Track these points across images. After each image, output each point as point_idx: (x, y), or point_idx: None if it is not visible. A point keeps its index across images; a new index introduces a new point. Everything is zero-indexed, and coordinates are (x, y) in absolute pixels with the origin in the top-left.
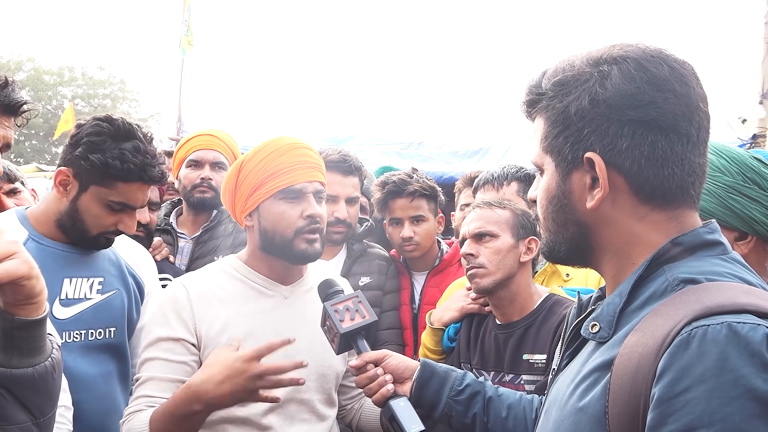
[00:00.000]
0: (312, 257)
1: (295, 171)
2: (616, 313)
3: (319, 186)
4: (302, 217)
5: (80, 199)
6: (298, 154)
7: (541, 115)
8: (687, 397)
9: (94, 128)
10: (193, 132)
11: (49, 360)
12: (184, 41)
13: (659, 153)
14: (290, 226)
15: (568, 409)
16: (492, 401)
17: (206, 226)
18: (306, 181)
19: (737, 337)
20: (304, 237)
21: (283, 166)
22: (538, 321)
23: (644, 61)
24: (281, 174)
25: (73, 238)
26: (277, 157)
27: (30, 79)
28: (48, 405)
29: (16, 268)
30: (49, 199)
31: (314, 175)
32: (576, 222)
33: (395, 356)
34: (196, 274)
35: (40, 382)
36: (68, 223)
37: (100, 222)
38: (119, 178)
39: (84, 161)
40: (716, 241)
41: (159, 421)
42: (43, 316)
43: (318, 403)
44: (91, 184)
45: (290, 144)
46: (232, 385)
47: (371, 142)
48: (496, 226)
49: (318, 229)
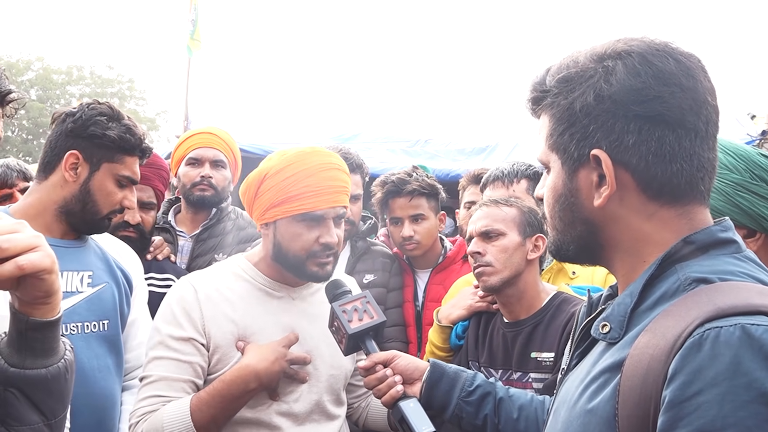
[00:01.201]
0: (323, 279)
1: (320, 196)
2: (627, 313)
3: (341, 210)
4: (317, 242)
5: (93, 179)
6: (327, 177)
7: (546, 113)
8: (699, 400)
9: (94, 111)
10: (192, 130)
11: (62, 361)
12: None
13: (667, 148)
14: (305, 248)
15: (577, 411)
16: (503, 402)
17: (206, 224)
18: (329, 207)
19: (751, 340)
20: (317, 261)
21: (309, 189)
22: (546, 319)
23: (649, 55)
24: (306, 197)
25: (77, 224)
26: (304, 178)
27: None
28: (60, 406)
29: (40, 260)
30: (39, 192)
31: (339, 200)
32: (584, 220)
33: (404, 357)
34: (204, 274)
35: (53, 383)
36: (77, 207)
37: (111, 199)
38: (127, 152)
39: (98, 139)
40: (730, 239)
41: (205, 405)
42: (58, 317)
43: (328, 404)
44: (104, 162)
45: (321, 165)
46: (279, 365)
47: (378, 139)
48: (503, 224)
49: (332, 254)
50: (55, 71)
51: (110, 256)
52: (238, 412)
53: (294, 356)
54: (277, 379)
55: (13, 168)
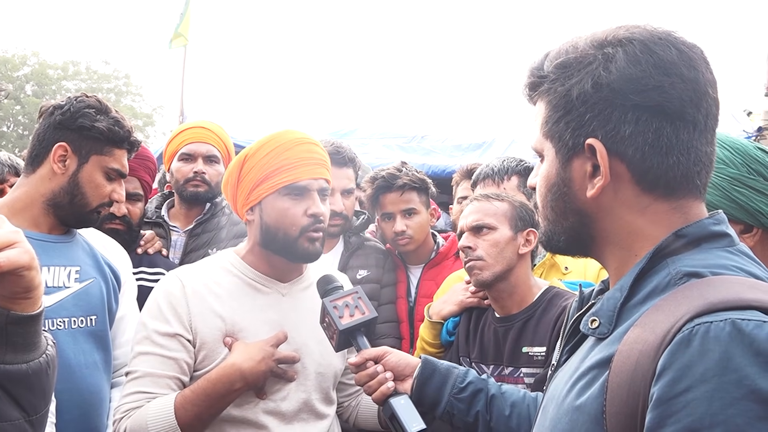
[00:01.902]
0: (314, 257)
1: (301, 167)
2: (617, 308)
3: (324, 183)
4: (306, 215)
5: (81, 171)
6: (304, 149)
7: (543, 99)
8: (687, 397)
9: (82, 104)
10: (184, 124)
11: (43, 356)
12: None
13: (664, 140)
14: (294, 223)
15: (566, 407)
16: (495, 399)
17: (199, 219)
18: (311, 178)
19: (741, 335)
20: (308, 236)
21: (288, 161)
22: (537, 313)
23: (651, 44)
24: (286, 169)
25: (66, 217)
26: (282, 152)
27: (34, 73)
28: (42, 402)
29: (17, 257)
30: (27, 185)
31: (320, 172)
32: (576, 211)
33: (396, 353)
34: (192, 268)
35: (35, 378)
36: (66, 199)
37: (100, 192)
38: (116, 144)
39: (86, 131)
40: (722, 232)
41: (190, 403)
42: (39, 312)
43: (316, 402)
44: (92, 154)
45: (296, 139)
46: (266, 365)
47: (374, 135)
48: (494, 219)
49: (321, 228)
50: (50, 66)
51: (98, 251)
52: (223, 410)
53: (282, 355)
54: (263, 378)
55: (4, 163)
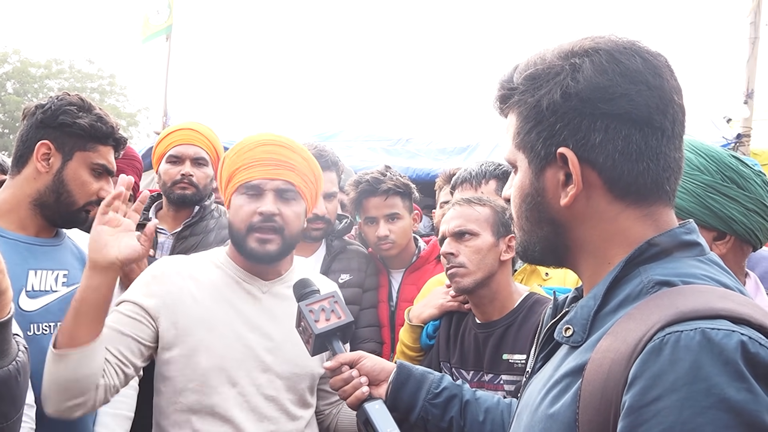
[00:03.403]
0: (262, 257)
1: (256, 167)
2: (590, 317)
3: (282, 184)
4: (256, 213)
5: (66, 168)
6: (264, 150)
7: (514, 111)
8: (658, 406)
9: (64, 102)
10: (173, 126)
11: (13, 364)
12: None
13: (633, 147)
14: (243, 221)
15: (539, 415)
16: (469, 405)
17: (187, 222)
18: (265, 178)
19: (711, 344)
20: (256, 235)
21: (246, 161)
22: (518, 320)
23: (616, 53)
24: (243, 169)
25: (53, 217)
26: (243, 153)
27: (16, 71)
28: (12, 409)
29: None
30: (13, 187)
31: (277, 173)
32: (550, 220)
33: (371, 358)
34: (186, 257)
35: (3, 387)
36: (52, 198)
37: (87, 189)
38: (100, 141)
39: (68, 128)
40: (694, 241)
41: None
42: (6, 319)
43: (289, 403)
44: (76, 151)
45: (260, 140)
46: None
47: (359, 138)
48: (476, 225)
49: (273, 228)
50: (33, 64)
51: (87, 255)
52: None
53: None
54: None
55: None
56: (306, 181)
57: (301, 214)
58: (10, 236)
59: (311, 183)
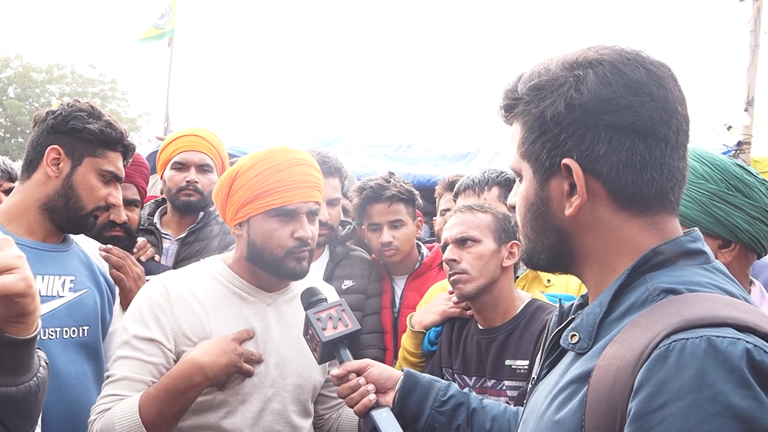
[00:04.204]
0: (300, 275)
1: (293, 190)
2: (596, 324)
3: (314, 206)
4: (293, 237)
5: (75, 173)
6: (297, 172)
7: (518, 120)
8: (664, 413)
9: (75, 108)
10: (178, 132)
11: (34, 379)
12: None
13: (637, 158)
14: (281, 246)
15: (545, 422)
16: (476, 413)
17: (192, 228)
18: (302, 202)
19: (716, 352)
20: (295, 257)
21: (280, 184)
22: (521, 326)
23: (620, 65)
24: (277, 192)
25: (62, 222)
26: (274, 174)
27: (17, 76)
28: (28, 423)
29: (12, 284)
30: (23, 192)
31: (311, 195)
32: (555, 229)
33: (378, 366)
34: (178, 274)
35: (23, 402)
36: (60, 203)
37: (95, 195)
38: (110, 147)
39: (78, 133)
40: (699, 249)
41: (152, 400)
42: (33, 336)
43: (293, 414)
44: (86, 156)
45: (290, 160)
46: (227, 359)
47: (360, 144)
48: (478, 231)
49: (308, 250)
50: (34, 69)
51: (94, 261)
52: (186, 408)
53: (245, 351)
54: (224, 373)
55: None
56: (323, 197)
57: None
58: (18, 241)
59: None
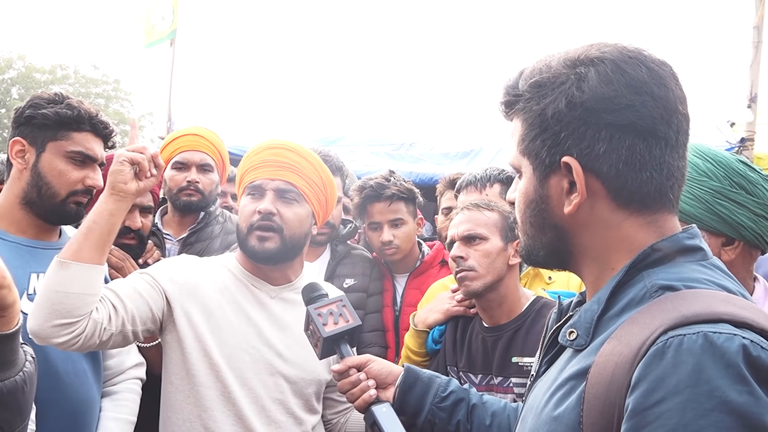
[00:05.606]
0: (261, 255)
1: (260, 169)
2: (594, 320)
3: (282, 184)
4: (256, 212)
5: (40, 161)
6: (269, 153)
7: (519, 117)
8: (661, 408)
9: (34, 98)
10: (178, 131)
11: (20, 374)
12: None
13: (637, 157)
14: (245, 220)
15: (544, 418)
16: (476, 408)
17: (193, 228)
18: (266, 178)
19: (713, 348)
20: (256, 233)
21: (253, 163)
22: (527, 323)
23: (622, 63)
24: (249, 171)
25: (42, 213)
26: (251, 156)
27: (21, 76)
28: (18, 419)
29: None
30: (5, 190)
31: (279, 174)
32: (554, 226)
33: (379, 361)
34: (202, 258)
35: (9, 397)
36: (34, 193)
37: (66, 179)
38: (72, 127)
39: (35, 120)
40: (696, 246)
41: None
42: (14, 331)
43: (296, 407)
44: (48, 141)
45: (267, 144)
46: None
47: (362, 142)
48: (485, 229)
49: (271, 227)
50: (38, 70)
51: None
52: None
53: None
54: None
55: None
56: (311, 185)
57: (305, 217)
58: (11, 239)
59: (318, 188)
